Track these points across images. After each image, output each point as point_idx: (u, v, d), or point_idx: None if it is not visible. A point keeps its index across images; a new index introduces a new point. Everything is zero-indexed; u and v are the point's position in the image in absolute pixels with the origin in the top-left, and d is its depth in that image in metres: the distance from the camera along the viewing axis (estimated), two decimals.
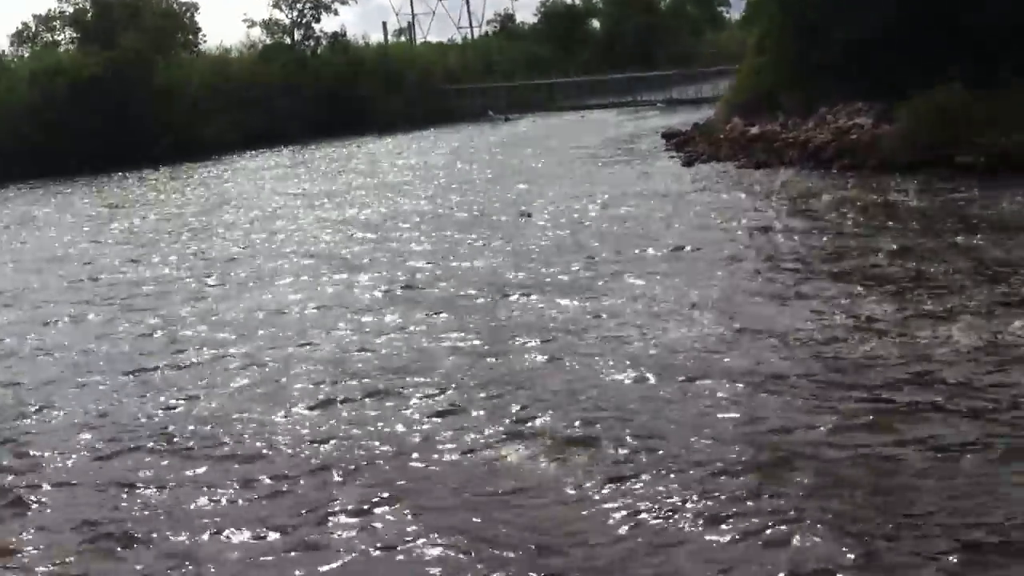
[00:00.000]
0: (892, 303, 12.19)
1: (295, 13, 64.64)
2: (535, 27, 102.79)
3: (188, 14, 62.90)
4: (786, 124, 27.80)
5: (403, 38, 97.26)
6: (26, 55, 59.91)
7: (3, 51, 62.21)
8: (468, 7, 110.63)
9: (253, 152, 49.37)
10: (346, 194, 29.67)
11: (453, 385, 10.35)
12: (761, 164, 26.24)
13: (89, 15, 56.22)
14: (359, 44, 69.70)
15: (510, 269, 16.35)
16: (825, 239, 17.01)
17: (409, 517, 7.45)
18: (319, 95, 59.28)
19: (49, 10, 59.51)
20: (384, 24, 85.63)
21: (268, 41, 64.85)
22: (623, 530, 7.00)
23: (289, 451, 8.95)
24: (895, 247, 15.65)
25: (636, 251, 16.98)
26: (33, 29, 64.23)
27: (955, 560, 6.28)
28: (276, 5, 64.48)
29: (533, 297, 14.08)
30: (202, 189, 35.26)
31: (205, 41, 64.06)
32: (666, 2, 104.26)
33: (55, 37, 62.51)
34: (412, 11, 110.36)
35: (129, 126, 46.12)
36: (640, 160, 31.16)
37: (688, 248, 16.86)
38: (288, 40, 65.25)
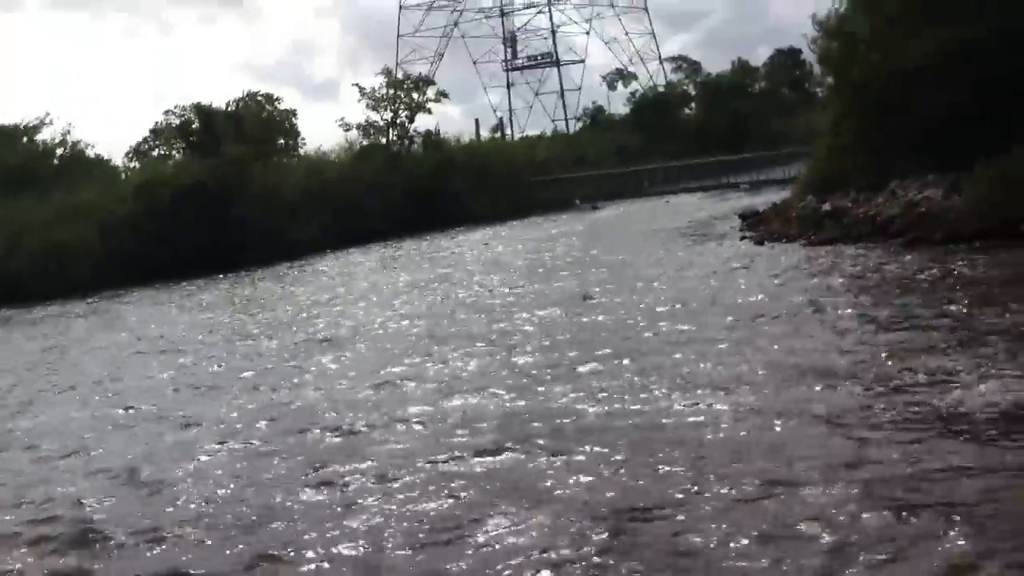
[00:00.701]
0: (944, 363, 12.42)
1: (390, 114, 67.24)
2: (626, 117, 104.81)
3: (287, 121, 65.83)
4: (857, 200, 27.93)
5: (499, 133, 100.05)
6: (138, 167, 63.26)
7: (119, 165, 66.00)
8: (563, 100, 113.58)
9: (346, 250, 50.95)
10: (429, 284, 30.67)
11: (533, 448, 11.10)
12: (830, 240, 26.37)
13: (194, 126, 59.22)
14: (451, 141, 71.80)
15: (571, 347, 16.88)
16: (882, 310, 17.08)
17: None
18: (410, 192, 61.11)
19: (157, 123, 62.88)
20: (476, 121, 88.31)
21: (364, 142, 67.34)
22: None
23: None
24: (948, 314, 15.77)
25: (694, 327, 17.30)
26: (150, 143, 68.14)
27: None
28: (373, 108, 67.23)
29: (583, 372, 14.58)
30: (300, 287, 36.49)
31: (304, 145, 66.95)
32: (761, 85, 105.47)
33: (167, 151, 65.90)
34: (510, 106, 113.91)
35: (228, 230, 48.15)
36: (713, 241, 31.53)
37: (751, 321, 17.17)
38: (383, 140, 67.67)
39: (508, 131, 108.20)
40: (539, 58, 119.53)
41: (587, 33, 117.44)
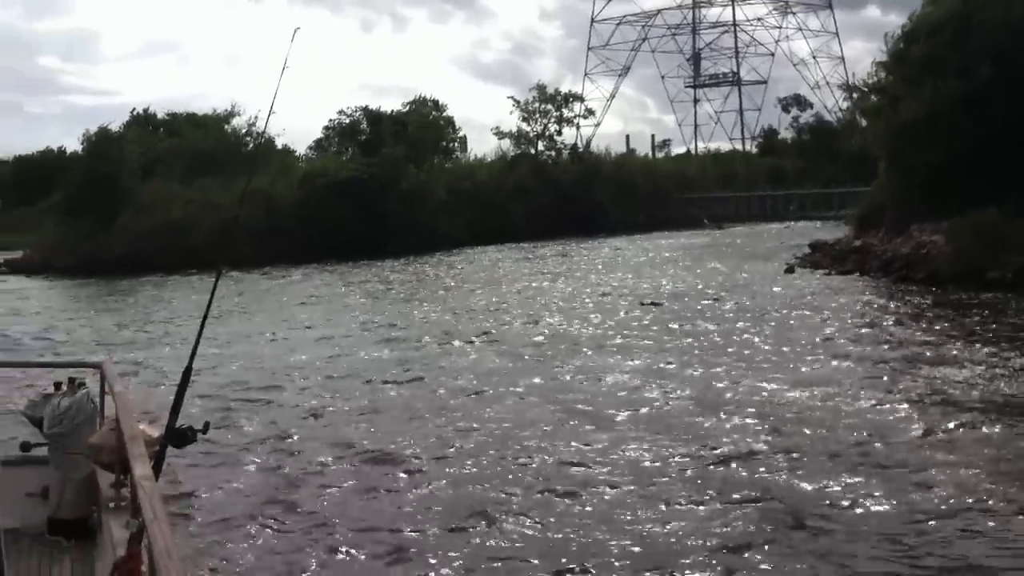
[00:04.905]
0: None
1: (540, 126, 72.81)
2: (791, 142, 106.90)
3: (449, 127, 72.07)
4: (883, 238, 31.20)
5: (657, 151, 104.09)
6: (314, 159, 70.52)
7: (299, 154, 73.50)
8: (742, 120, 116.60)
9: (481, 248, 56.29)
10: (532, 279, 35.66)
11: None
12: (846, 271, 29.91)
13: (362, 126, 66.14)
14: (599, 154, 76.68)
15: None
16: (823, 327, 20.78)
17: None
18: (553, 199, 66.37)
19: (330, 121, 69.98)
20: (627, 137, 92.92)
21: (515, 151, 73.02)
22: None
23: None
24: (886, 338, 19.17)
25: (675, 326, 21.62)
26: (329, 139, 75.21)
27: None
28: (524, 120, 73.09)
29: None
30: (432, 276, 41.87)
31: (458, 149, 73.30)
32: None
33: (342, 147, 72.48)
34: (695, 121, 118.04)
35: (377, 222, 54.34)
36: (763, 262, 35.41)
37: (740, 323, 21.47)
38: (532, 150, 73.22)
39: (692, 146, 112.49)
40: (721, 77, 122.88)
41: (772, 55, 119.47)
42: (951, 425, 12.16)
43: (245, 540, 9.09)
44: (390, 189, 57.30)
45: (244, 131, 67.41)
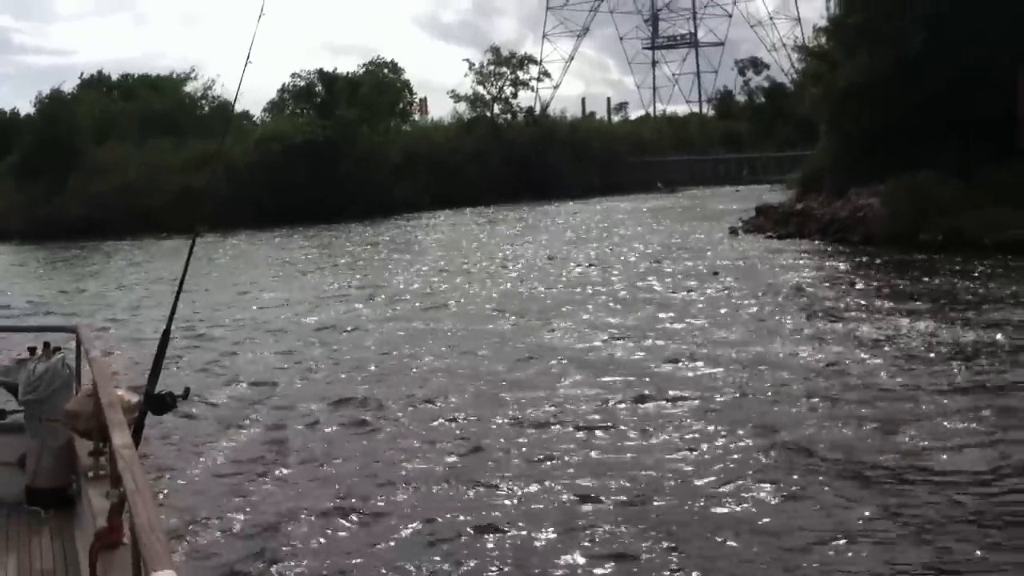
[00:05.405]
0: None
1: (495, 89, 73.23)
2: (745, 104, 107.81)
3: (405, 90, 71.99)
4: (823, 202, 32.25)
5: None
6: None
7: (255, 117, 73.08)
8: (699, 82, 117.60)
9: (438, 212, 56.93)
10: (477, 242, 36.55)
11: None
12: (786, 235, 30.94)
13: (318, 89, 66.13)
14: (555, 117, 77.29)
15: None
16: (759, 287, 21.68)
17: None
18: (508, 162, 66.92)
19: (284, 84, 69.77)
20: (583, 100, 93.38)
21: (472, 114, 73.39)
22: None
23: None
24: (815, 296, 20.26)
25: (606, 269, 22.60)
26: (285, 101, 74.71)
27: None
28: (480, 83, 73.44)
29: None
30: (390, 240, 42.42)
31: (416, 112, 73.41)
32: None
33: (298, 109, 72.08)
34: (654, 84, 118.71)
35: (333, 185, 54.48)
36: (708, 225, 36.49)
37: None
38: (488, 113, 73.62)
39: (651, 108, 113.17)
40: (679, 38, 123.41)
41: (729, 16, 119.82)
42: (883, 368, 13.28)
43: (228, 508, 9.17)
44: (345, 151, 57.42)
45: (200, 94, 67.20)
